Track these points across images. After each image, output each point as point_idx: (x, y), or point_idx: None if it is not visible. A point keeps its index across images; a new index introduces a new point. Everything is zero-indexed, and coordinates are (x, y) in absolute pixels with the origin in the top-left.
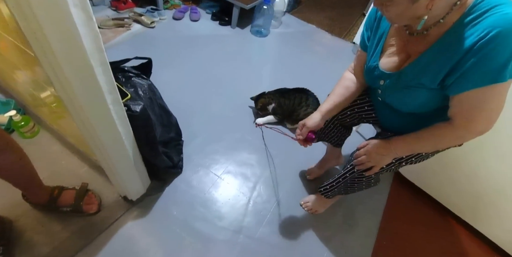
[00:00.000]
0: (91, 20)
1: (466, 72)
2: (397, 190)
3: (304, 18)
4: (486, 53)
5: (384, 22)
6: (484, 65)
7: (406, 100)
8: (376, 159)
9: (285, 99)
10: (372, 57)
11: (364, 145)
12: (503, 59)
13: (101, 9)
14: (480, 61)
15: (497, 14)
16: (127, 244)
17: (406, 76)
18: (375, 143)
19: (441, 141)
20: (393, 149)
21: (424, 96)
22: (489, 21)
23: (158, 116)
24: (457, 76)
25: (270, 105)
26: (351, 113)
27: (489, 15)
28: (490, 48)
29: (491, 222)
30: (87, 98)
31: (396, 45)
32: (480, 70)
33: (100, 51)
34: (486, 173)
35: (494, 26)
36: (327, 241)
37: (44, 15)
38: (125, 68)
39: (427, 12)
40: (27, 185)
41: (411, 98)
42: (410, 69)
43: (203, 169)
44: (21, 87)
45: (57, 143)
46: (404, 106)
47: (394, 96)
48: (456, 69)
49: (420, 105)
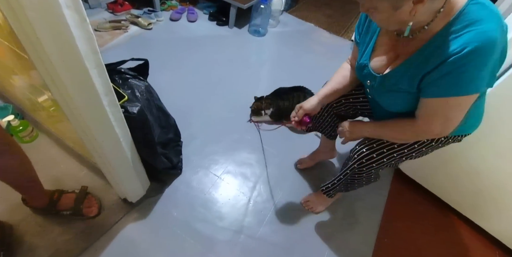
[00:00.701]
0: (84, 21)
1: (436, 81)
2: (398, 187)
3: (302, 17)
4: (457, 68)
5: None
6: (452, 78)
7: (392, 102)
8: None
9: (284, 101)
10: (363, 55)
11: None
12: (471, 75)
13: (97, 12)
14: (450, 73)
15: (475, 30)
16: (127, 246)
17: (388, 81)
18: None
19: (401, 135)
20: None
21: (407, 99)
22: (467, 37)
23: (156, 117)
24: (428, 82)
25: (268, 110)
26: (346, 102)
27: (468, 31)
28: (462, 64)
29: (492, 217)
30: (83, 100)
31: (386, 44)
32: (448, 81)
33: (95, 52)
34: (486, 169)
35: (469, 43)
36: (328, 240)
37: (37, 18)
38: (122, 69)
39: (411, 18)
40: (27, 188)
41: (396, 101)
42: (392, 74)
43: (202, 169)
44: (18, 92)
45: (56, 147)
46: (391, 107)
47: (380, 96)
48: (429, 76)
49: (405, 106)
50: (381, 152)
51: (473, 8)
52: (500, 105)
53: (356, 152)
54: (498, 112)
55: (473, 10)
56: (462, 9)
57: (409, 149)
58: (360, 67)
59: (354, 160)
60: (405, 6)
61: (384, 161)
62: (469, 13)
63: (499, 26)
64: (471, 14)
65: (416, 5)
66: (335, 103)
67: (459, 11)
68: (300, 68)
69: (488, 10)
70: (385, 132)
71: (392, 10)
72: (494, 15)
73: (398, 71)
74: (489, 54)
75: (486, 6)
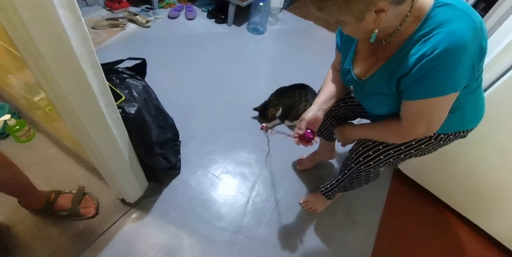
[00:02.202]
0: (79, 21)
1: (412, 84)
2: (397, 186)
3: (301, 15)
4: (429, 70)
5: None
6: (427, 80)
7: (374, 105)
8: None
9: (287, 98)
10: (346, 60)
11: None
12: (445, 76)
13: (95, 10)
14: (424, 76)
15: (443, 31)
16: (126, 247)
17: (368, 85)
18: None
19: (388, 137)
20: (352, 132)
21: (388, 101)
22: (435, 39)
23: (153, 117)
24: (405, 86)
25: (278, 111)
26: (344, 105)
27: (436, 33)
28: (433, 66)
29: (491, 218)
30: (78, 101)
31: (366, 50)
32: (424, 83)
33: (90, 53)
34: (485, 169)
35: (438, 45)
36: (328, 240)
37: (30, 18)
38: (119, 69)
39: (376, 26)
40: (20, 193)
41: (378, 104)
42: (371, 79)
43: (201, 169)
44: (14, 91)
45: (53, 146)
46: (375, 110)
47: (363, 100)
48: (405, 79)
49: (388, 109)
50: (377, 149)
51: (440, 10)
52: (501, 104)
53: (353, 151)
54: (499, 111)
55: (439, 12)
56: (429, 13)
57: (406, 146)
58: (344, 72)
59: (351, 159)
60: (368, 16)
61: (381, 158)
62: (436, 15)
63: (470, 24)
64: (438, 17)
65: (378, 14)
66: (333, 107)
67: (426, 15)
68: (299, 66)
69: (457, 10)
70: (374, 134)
71: (357, 21)
72: (464, 14)
73: (376, 75)
74: (460, 54)
75: (454, 6)
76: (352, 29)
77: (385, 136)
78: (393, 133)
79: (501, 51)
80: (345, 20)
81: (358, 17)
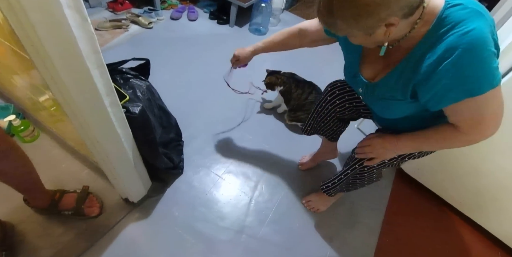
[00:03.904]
0: (86, 21)
1: (441, 91)
2: (400, 186)
3: (303, 15)
4: (456, 73)
5: None
6: (457, 84)
7: (384, 109)
8: (379, 152)
9: (298, 88)
10: (352, 63)
11: (371, 137)
12: (475, 75)
13: (98, 11)
14: (451, 80)
15: (458, 32)
16: (129, 246)
17: (380, 89)
18: (382, 137)
19: (450, 144)
20: (399, 146)
21: (401, 106)
22: (451, 40)
23: (157, 117)
24: (431, 95)
25: (279, 87)
26: (350, 106)
27: (451, 34)
28: (458, 68)
29: (494, 218)
30: (84, 101)
31: (373, 53)
32: (454, 88)
33: (96, 53)
34: (488, 169)
35: (456, 47)
36: (330, 239)
37: (37, 18)
38: (123, 69)
39: (387, 38)
40: (29, 189)
41: (389, 108)
42: (383, 82)
43: (204, 169)
44: (19, 92)
45: (57, 146)
46: (385, 114)
47: (373, 104)
48: (426, 87)
49: (400, 114)
50: None
51: (452, 11)
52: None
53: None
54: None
55: (451, 12)
56: (440, 15)
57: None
58: (350, 75)
59: (355, 160)
60: (378, 30)
61: (385, 162)
62: (449, 16)
63: (484, 22)
64: (451, 17)
65: (389, 28)
66: (338, 108)
67: (438, 17)
68: (300, 66)
69: (469, 9)
70: (430, 145)
71: (366, 36)
72: (476, 13)
73: (388, 80)
74: (482, 51)
75: (466, 5)
76: (360, 41)
77: (445, 146)
78: (455, 139)
79: (503, 51)
80: (355, 34)
81: (368, 32)
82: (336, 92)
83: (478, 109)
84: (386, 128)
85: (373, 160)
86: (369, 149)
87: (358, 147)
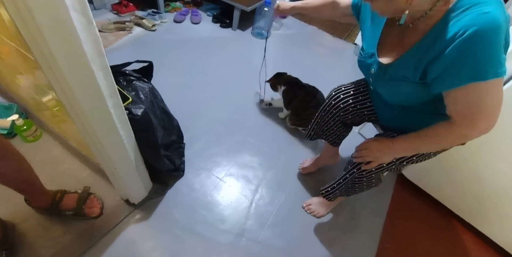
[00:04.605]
0: (91, 24)
1: (446, 71)
2: (400, 192)
3: (305, 20)
4: (464, 52)
5: None
6: (463, 64)
7: (392, 92)
8: (376, 155)
9: (301, 89)
10: (370, 44)
11: (368, 141)
12: (482, 58)
13: (102, 13)
14: (458, 60)
15: (476, 12)
16: (129, 247)
17: (392, 69)
18: (379, 140)
19: (443, 141)
20: (395, 148)
21: (408, 88)
22: (467, 19)
23: (159, 119)
24: (437, 74)
25: (282, 87)
26: (353, 110)
27: (469, 13)
28: (467, 47)
29: (495, 224)
30: (88, 102)
31: (392, 34)
32: (459, 69)
33: (100, 55)
34: (488, 175)
35: (471, 25)
36: (330, 244)
37: (44, 20)
38: (126, 71)
39: (408, 6)
40: (28, 190)
41: (397, 90)
42: (397, 63)
43: (205, 172)
44: (23, 92)
45: (60, 147)
46: (393, 98)
47: (382, 86)
48: (435, 65)
49: (406, 97)
50: None
51: None
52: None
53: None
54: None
55: None
56: None
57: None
58: (367, 55)
59: (353, 164)
60: None
61: (383, 166)
62: None
63: (502, 10)
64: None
65: None
66: (342, 112)
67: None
68: (302, 71)
69: None
70: (424, 144)
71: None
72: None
73: (403, 60)
74: (494, 36)
75: None
76: (382, 5)
77: (439, 143)
78: (448, 135)
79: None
80: None
81: None
82: (340, 96)
83: (477, 98)
84: (388, 127)
85: (371, 163)
86: (366, 153)
87: (355, 151)
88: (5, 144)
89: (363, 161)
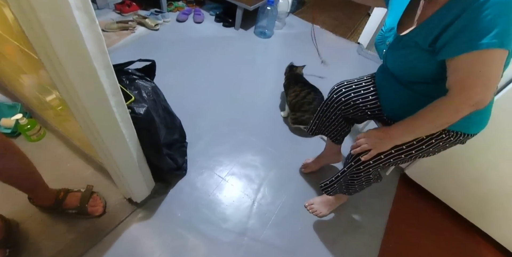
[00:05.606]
0: (94, 23)
1: (454, 36)
2: (403, 192)
3: (308, 19)
4: (473, 18)
5: None
6: (470, 30)
7: (400, 61)
8: (374, 143)
9: (296, 85)
10: (392, 19)
11: (366, 131)
12: (489, 26)
13: (105, 12)
14: (467, 25)
15: None
16: (132, 246)
17: (407, 38)
18: (376, 128)
19: (439, 117)
20: (392, 133)
21: (417, 56)
22: None
23: (162, 118)
24: (447, 39)
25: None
26: (354, 104)
27: None
28: (481, 11)
29: (499, 225)
30: (91, 100)
31: (415, 8)
32: (465, 35)
33: (103, 53)
34: (493, 176)
35: None
36: (332, 244)
37: (47, 19)
38: (129, 70)
39: None
40: (31, 188)
41: (405, 59)
42: (412, 32)
43: (207, 171)
44: (27, 91)
45: (63, 146)
46: (401, 70)
47: (393, 56)
48: (446, 31)
49: (413, 69)
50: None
51: None
52: (510, 110)
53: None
54: (508, 116)
55: None
56: None
57: (408, 145)
58: (389, 29)
59: (351, 158)
60: None
61: (381, 158)
62: None
63: None
64: None
65: None
66: (343, 106)
67: None
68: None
69: None
70: (419, 123)
71: None
72: None
73: (419, 28)
74: (506, 7)
75: None
76: None
77: (433, 120)
78: (444, 109)
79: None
80: None
81: None
82: (342, 90)
83: (479, 67)
84: (392, 118)
85: (370, 152)
86: (364, 141)
87: (354, 143)
88: (6, 142)
89: (362, 151)
